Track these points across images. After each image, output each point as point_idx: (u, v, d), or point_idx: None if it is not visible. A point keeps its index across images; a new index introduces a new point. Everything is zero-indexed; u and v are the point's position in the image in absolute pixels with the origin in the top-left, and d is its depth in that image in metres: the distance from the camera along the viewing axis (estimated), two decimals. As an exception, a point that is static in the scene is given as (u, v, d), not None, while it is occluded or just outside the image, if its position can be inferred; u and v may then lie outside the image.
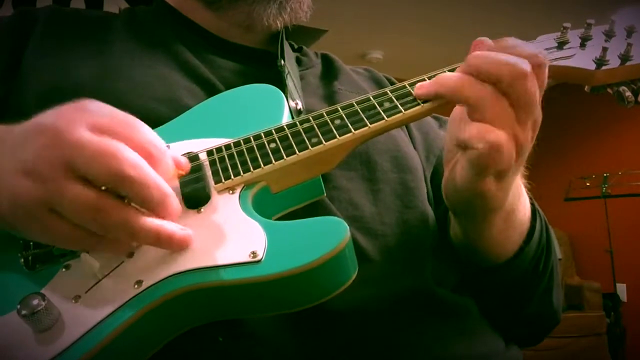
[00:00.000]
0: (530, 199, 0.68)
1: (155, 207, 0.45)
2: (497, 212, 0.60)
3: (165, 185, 0.45)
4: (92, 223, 0.44)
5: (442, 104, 0.56)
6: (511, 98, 0.51)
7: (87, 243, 0.46)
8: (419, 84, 0.57)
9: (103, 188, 0.44)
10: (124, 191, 0.44)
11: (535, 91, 0.52)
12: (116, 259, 0.49)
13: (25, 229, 0.46)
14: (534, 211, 0.68)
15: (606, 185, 3.48)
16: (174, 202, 0.46)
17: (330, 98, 0.75)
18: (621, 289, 4.00)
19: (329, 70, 0.82)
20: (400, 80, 0.83)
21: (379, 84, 0.85)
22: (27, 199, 0.43)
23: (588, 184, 3.56)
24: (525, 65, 0.51)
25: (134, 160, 0.43)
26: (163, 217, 0.46)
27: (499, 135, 0.50)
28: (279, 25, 0.74)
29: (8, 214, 0.45)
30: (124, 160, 0.43)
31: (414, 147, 0.78)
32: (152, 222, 0.45)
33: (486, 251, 0.65)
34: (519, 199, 0.64)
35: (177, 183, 0.52)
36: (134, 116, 0.48)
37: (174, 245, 0.47)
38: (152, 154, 0.46)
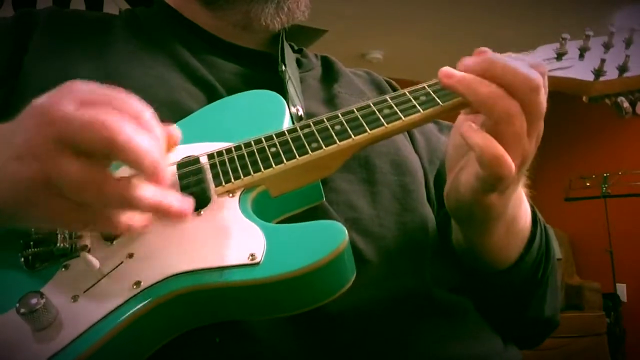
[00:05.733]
0: (531, 205, 0.68)
1: (147, 173, 0.44)
2: (498, 221, 0.60)
3: (155, 152, 0.44)
4: (92, 195, 0.43)
5: (447, 110, 0.56)
6: (525, 111, 0.50)
7: (88, 221, 0.45)
8: (447, 70, 0.53)
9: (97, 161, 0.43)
10: (116, 158, 0.43)
11: (545, 104, 0.52)
12: (116, 259, 0.49)
13: (27, 216, 0.46)
14: (534, 218, 0.68)
15: (606, 185, 3.49)
16: (166, 169, 0.45)
17: (330, 101, 0.75)
18: (621, 289, 4.00)
19: (329, 73, 0.82)
20: (400, 81, 0.83)
21: (378, 87, 0.85)
22: (24, 180, 0.43)
23: (588, 184, 3.57)
24: (539, 78, 0.50)
25: (123, 127, 0.43)
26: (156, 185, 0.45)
27: (509, 166, 0.49)
28: (276, 25, 0.74)
29: (10, 205, 0.45)
30: (114, 128, 0.42)
31: (416, 150, 0.78)
32: (151, 188, 0.44)
33: (487, 257, 0.65)
34: (520, 207, 0.64)
35: (170, 158, 0.51)
36: None
37: (173, 213, 0.45)
38: (141, 123, 0.45)
